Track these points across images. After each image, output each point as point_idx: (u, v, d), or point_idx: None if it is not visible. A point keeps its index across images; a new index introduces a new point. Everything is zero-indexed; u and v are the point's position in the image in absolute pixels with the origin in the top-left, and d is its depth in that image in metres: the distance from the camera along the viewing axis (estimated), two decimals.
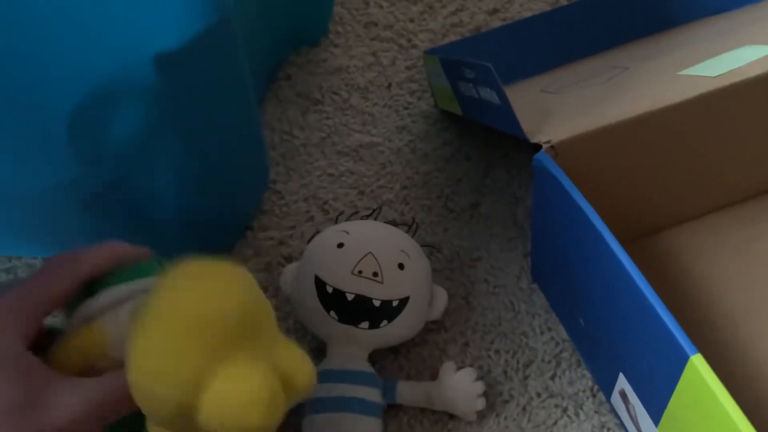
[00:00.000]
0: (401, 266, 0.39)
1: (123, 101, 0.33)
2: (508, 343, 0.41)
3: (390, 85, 0.52)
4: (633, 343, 0.32)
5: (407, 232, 0.42)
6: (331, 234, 0.40)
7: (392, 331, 0.38)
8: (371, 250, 0.39)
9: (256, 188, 0.45)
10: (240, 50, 0.38)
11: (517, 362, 0.40)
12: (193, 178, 0.38)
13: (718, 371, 0.36)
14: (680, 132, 0.35)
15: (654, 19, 0.49)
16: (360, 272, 0.38)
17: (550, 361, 0.40)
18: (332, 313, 0.38)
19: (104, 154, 0.35)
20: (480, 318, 0.42)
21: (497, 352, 0.41)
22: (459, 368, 0.39)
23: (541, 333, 0.41)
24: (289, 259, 0.45)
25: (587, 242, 0.32)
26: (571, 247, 0.35)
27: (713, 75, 0.35)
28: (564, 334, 0.41)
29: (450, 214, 0.46)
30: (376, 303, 0.37)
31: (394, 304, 0.38)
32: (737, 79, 0.34)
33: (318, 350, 0.40)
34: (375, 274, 0.38)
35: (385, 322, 0.38)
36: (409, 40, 0.54)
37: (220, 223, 0.43)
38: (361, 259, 0.38)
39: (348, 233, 0.40)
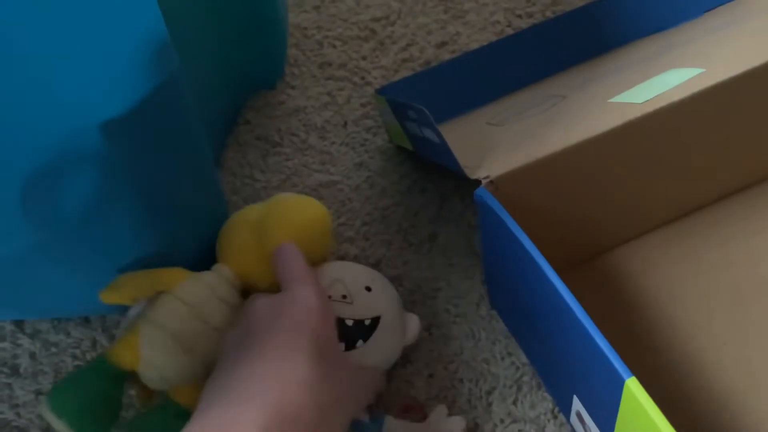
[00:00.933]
0: (368, 288, 0.41)
1: (73, 169, 0.34)
2: (470, 371, 0.42)
3: (346, 123, 0.54)
4: (579, 367, 0.33)
5: None
6: None
7: (369, 352, 0.39)
8: (338, 277, 0.40)
9: (216, 235, 0.46)
10: (190, 105, 0.39)
11: (480, 390, 0.41)
12: (152, 234, 0.39)
13: (667, 387, 0.37)
14: (613, 158, 0.37)
15: (594, 43, 0.51)
16: (330, 296, 0.39)
17: (511, 386, 0.41)
18: None
19: (61, 220, 0.36)
20: (443, 348, 0.43)
21: (461, 381, 0.42)
22: (449, 414, 0.40)
23: (502, 359, 0.42)
24: None
25: (527, 271, 0.33)
26: (516, 276, 0.36)
27: (640, 101, 0.36)
28: (524, 358, 0.42)
29: (410, 247, 0.47)
30: (349, 323, 0.39)
31: (366, 322, 0.39)
32: (661, 104, 0.36)
33: None
34: (344, 297, 0.40)
35: (360, 341, 0.39)
36: (363, 78, 0.56)
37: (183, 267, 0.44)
38: (329, 285, 0.40)
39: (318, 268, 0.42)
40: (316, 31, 0.59)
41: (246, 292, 0.41)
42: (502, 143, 0.39)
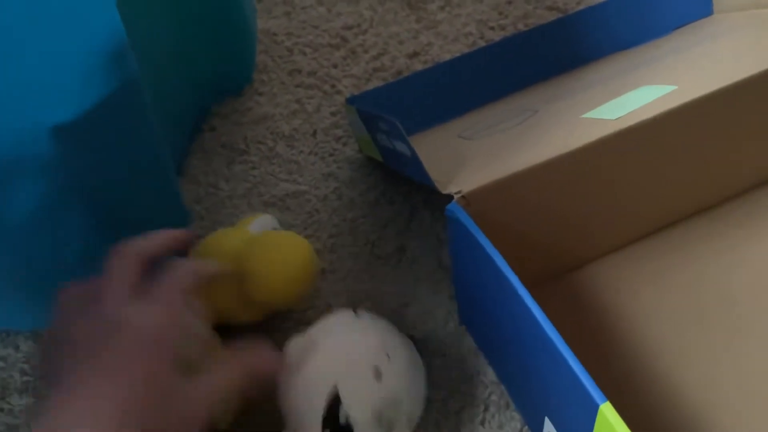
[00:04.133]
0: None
1: (22, 175, 0.32)
2: (438, 389, 0.41)
3: (315, 132, 0.52)
4: (551, 390, 0.32)
5: None
6: (371, 346, 0.36)
7: None
8: (402, 398, 0.35)
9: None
10: (148, 111, 0.37)
11: (449, 409, 0.40)
12: (104, 243, 0.37)
13: (640, 404, 0.37)
14: (584, 174, 0.36)
15: (565, 58, 0.51)
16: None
17: (479, 405, 0.40)
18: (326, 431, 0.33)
19: (7, 228, 0.34)
20: None
21: (429, 400, 0.41)
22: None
23: (471, 377, 0.41)
24: None
25: (499, 289, 0.32)
26: (487, 293, 0.35)
27: (613, 118, 0.36)
28: (493, 377, 0.41)
29: (377, 261, 0.46)
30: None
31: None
32: (633, 122, 0.35)
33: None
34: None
35: None
36: (333, 86, 0.55)
37: None
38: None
39: (389, 360, 0.35)
40: (285, 38, 0.57)
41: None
42: (474, 157, 0.38)
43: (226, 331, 0.38)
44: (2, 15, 0.32)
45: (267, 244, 0.40)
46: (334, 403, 0.33)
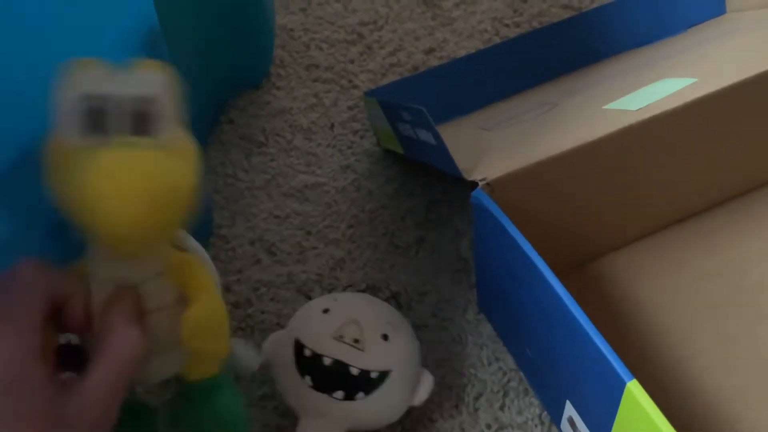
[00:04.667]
0: (385, 337, 0.37)
1: None
2: (458, 377, 0.41)
3: (333, 125, 0.53)
4: (575, 371, 0.33)
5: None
6: (319, 301, 0.40)
7: (368, 407, 0.36)
8: (356, 317, 0.37)
9: (200, 235, 0.45)
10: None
11: (468, 395, 0.41)
12: None
13: (660, 389, 0.37)
14: (608, 163, 0.37)
15: (581, 54, 0.51)
16: (341, 337, 0.36)
17: (498, 391, 0.41)
18: (307, 378, 0.36)
19: (43, 212, 0.34)
20: (429, 353, 0.43)
21: (448, 387, 0.41)
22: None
23: (489, 364, 0.42)
24: (236, 305, 0.44)
25: (525, 274, 0.33)
26: (511, 279, 0.36)
27: (635, 108, 0.37)
28: (511, 364, 0.42)
29: (396, 251, 0.47)
30: (354, 371, 0.36)
31: (373, 375, 0.36)
32: (657, 111, 0.36)
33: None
34: (356, 341, 0.36)
35: (361, 394, 0.35)
36: (350, 81, 0.55)
37: None
38: (343, 324, 0.37)
39: (336, 300, 0.39)
40: (302, 33, 0.58)
41: None
42: (496, 147, 0.39)
43: None
44: (37, 2, 0.32)
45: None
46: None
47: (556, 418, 0.38)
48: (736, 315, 0.40)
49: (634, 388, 0.28)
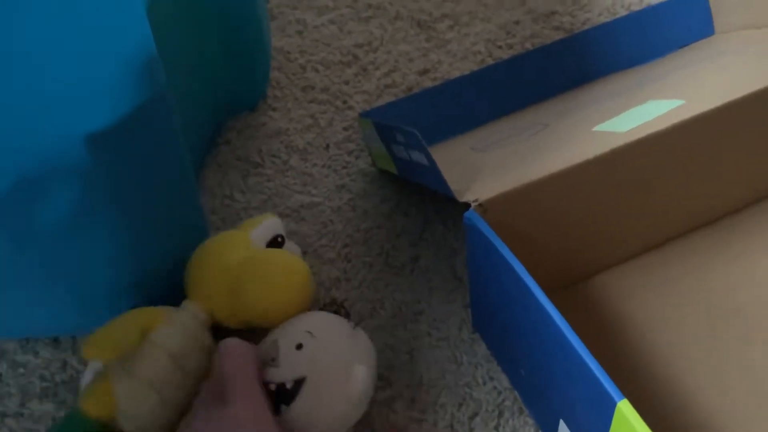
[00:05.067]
0: (299, 346, 0.37)
1: (55, 181, 0.33)
2: (452, 396, 0.42)
3: (328, 145, 0.54)
4: (567, 390, 0.33)
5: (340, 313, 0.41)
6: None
7: (297, 417, 0.36)
8: (276, 338, 0.38)
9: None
10: (175, 123, 0.38)
11: (463, 415, 0.41)
12: (129, 251, 0.38)
13: (652, 408, 0.38)
14: (598, 184, 0.38)
15: (572, 75, 0.52)
16: (263, 362, 0.37)
17: (493, 411, 0.41)
18: None
19: (37, 234, 0.34)
20: (425, 372, 0.43)
21: (443, 406, 0.41)
22: None
23: (484, 383, 0.42)
24: None
25: (516, 294, 0.33)
26: (504, 299, 0.36)
27: (624, 130, 0.37)
28: (506, 383, 0.42)
29: (390, 270, 0.47)
30: (272, 387, 0.36)
31: (288, 385, 0.36)
32: (646, 133, 0.37)
33: None
34: (273, 360, 0.37)
35: (283, 406, 0.36)
36: (345, 102, 0.56)
37: (162, 293, 0.43)
38: (265, 350, 0.38)
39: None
40: (299, 55, 0.59)
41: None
42: (489, 168, 0.40)
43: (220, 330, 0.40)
44: (37, 24, 0.33)
45: (263, 268, 0.40)
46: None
47: None
48: (725, 335, 0.40)
49: (624, 407, 0.28)
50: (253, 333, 0.40)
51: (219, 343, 0.38)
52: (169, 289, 0.42)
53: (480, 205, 0.36)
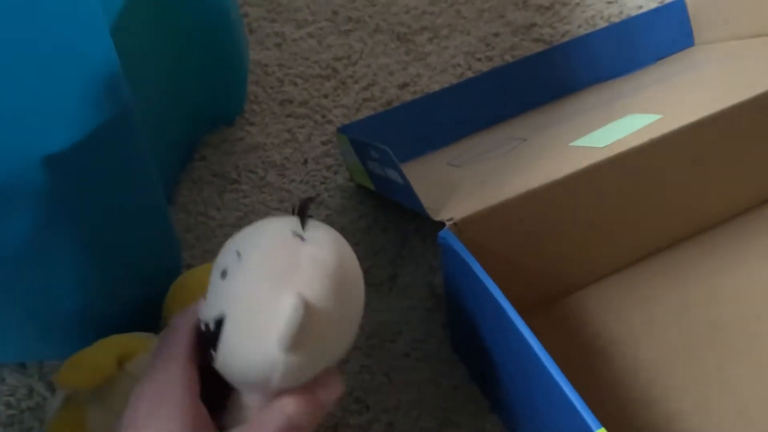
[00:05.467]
0: (224, 274, 0.27)
1: (13, 203, 0.32)
2: (432, 419, 0.41)
3: (306, 161, 0.53)
4: (545, 417, 0.32)
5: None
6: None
7: (223, 365, 0.27)
8: (218, 260, 0.29)
9: (167, 275, 0.44)
10: (142, 141, 0.37)
11: None
12: (96, 275, 0.37)
13: (634, 430, 0.37)
14: (575, 201, 0.37)
15: (552, 87, 0.52)
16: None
17: None
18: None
19: None
20: (402, 395, 0.42)
21: (422, 430, 0.40)
22: None
23: (464, 406, 0.41)
24: None
25: (491, 315, 0.33)
26: (480, 320, 0.35)
27: (602, 145, 0.37)
28: (485, 406, 0.41)
29: (369, 288, 0.46)
30: (202, 328, 0.28)
31: (211, 326, 0.27)
32: (623, 148, 0.36)
33: None
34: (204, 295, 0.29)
35: (212, 352, 0.28)
36: (324, 116, 0.55)
37: (131, 312, 0.42)
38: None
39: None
40: (277, 69, 0.58)
41: None
42: (465, 185, 0.39)
43: None
44: None
45: None
46: None
47: None
48: (706, 352, 0.39)
49: None
50: None
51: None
52: (143, 315, 0.41)
53: (455, 224, 0.35)
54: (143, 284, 0.41)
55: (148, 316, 0.44)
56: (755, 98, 0.37)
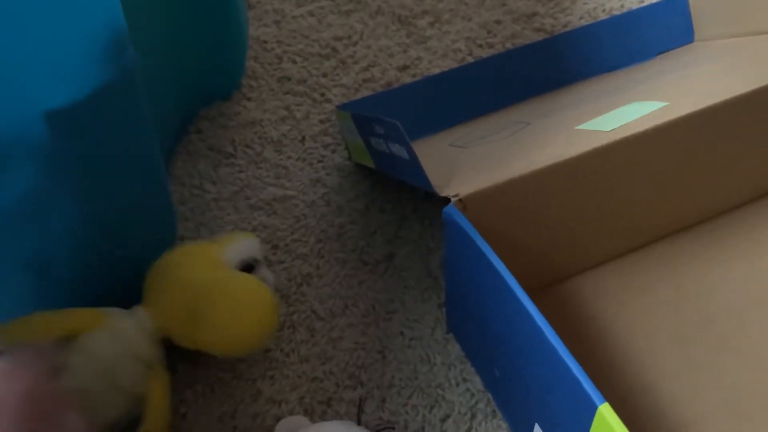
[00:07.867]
0: None
1: (13, 158, 0.31)
2: (424, 397, 0.41)
3: (304, 138, 0.52)
4: (544, 393, 0.32)
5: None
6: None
7: None
8: None
9: (162, 245, 0.44)
10: (142, 106, 0.37)
11: (434, 417, 0.40)
12: (90, 235, 0.36)
13: (626, 415, 0.37)
14: (579, 183, 0.37)
15: (551, 77, 0.52)
16: None
17: (466, 413, 0.40)
18: None
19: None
20: (396, 372, 0.42)
21: (414, 407, 0.40)
22: None
23: (457, 385, 0.41)
24: None
25: (495, 292, 0.33)
26: (482, 297, 0.35)
27: (607, 129, 0.37)
28: (479, 385, 0.41)
29: (365, 267, 0.46)
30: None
31: None
32: (628, 133, 0.36)
33: None
34: None
35: None
36: (323, 95, 0.55)
37: (123, 281, 0.41)
38: None
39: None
40: (276, 45, 0.57)
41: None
42: (469, 164, 0.39)
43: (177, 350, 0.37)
44: None
45: (226, 296, 0.37)
46: None
47: None
48: (699, 341, 0.40)
49: (605, 411, 0.27)
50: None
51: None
52: (134, 290, 0.41)
53: (460, 200, 0.35)
54: (138, 254, 0.41)
55: (135, 289, 0.43)
56: (756, 91, 0.38)
